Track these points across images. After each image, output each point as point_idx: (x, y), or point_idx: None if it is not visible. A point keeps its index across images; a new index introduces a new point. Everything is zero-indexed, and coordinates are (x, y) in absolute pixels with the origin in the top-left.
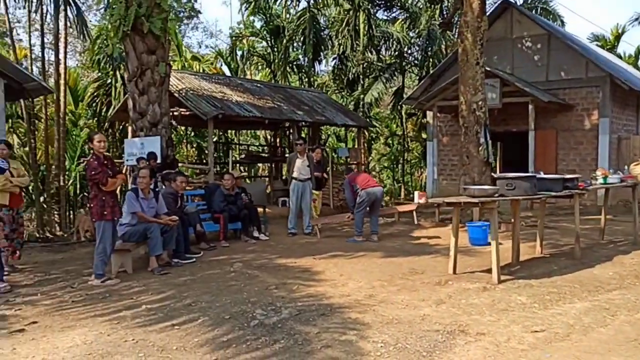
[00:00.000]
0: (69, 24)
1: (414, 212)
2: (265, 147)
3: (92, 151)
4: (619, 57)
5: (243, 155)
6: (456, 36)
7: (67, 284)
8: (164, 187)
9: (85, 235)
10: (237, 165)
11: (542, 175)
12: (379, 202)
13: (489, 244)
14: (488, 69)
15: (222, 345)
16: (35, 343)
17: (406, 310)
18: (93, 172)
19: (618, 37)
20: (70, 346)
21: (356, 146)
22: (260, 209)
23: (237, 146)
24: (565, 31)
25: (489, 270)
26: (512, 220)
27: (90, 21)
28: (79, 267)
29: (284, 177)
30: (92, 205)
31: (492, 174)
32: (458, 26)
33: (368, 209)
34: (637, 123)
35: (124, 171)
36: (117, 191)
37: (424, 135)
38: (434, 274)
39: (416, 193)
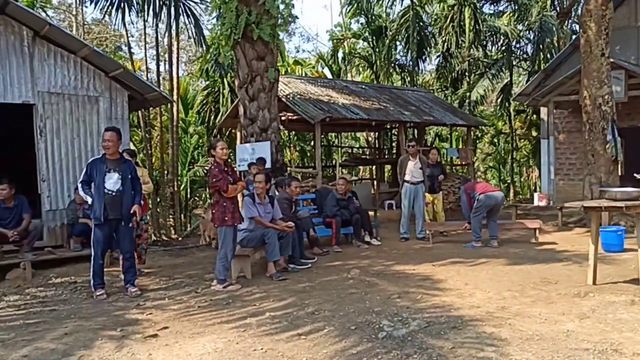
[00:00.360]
0: (180, 35)
1: (536, 230)
2: (366, 149)
3: (213, 158)
4: None
5: (345, 158)
6: (569, 27)
7: (192, 289)
8: (277, 192)
9: (210, 242)
10: (340, 168)
11: None
12: (498, 207)
13: (625, 250)
14: (612, 60)
15: (352, 358)
16: (168, 349)
17: (546, 325)
18: (214, 180)
19: None
20: (202, 353)
21: (465, 146)
22: (371, 213)
23: (339, 149)
24: None
25: (633, 281)
26: None
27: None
28: (200, 271)
29: (386, 180)
30: (213, 211)
31: None
32: (580, 15)
33: (485, 214)
34: None
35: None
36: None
37: (533, 133)
38: (570, 284)
39: (536, 195)
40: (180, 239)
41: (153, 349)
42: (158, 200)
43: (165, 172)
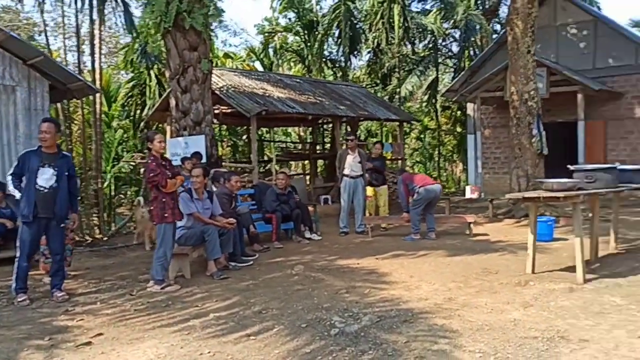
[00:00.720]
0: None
1: (471, 225)
2: (299, 144)
3: (149, 151)
4: None
5: (277, 153)
6: (491, 26)
7: (125, 291)
8: (213, 187)
9: (154, 242)
10: (272, 163)
11: (622, 166)
12: (437, 199)
13: (554, 239)
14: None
15: (306, 358)
16: (105, 357)
17: (493, 314)
18: (152, 174)
19: None
20: None
21: (398, 141)
22: (311, 208)
23: (272, 144)
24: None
25: (568, 269)
26: (591, 215)
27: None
28: (133, 272)
29: (319, 175)
30: (152, 207)
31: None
32: (507, 13)
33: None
34: None
35: None
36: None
37: (458, 129)
38: (510, 274)
39: (467, 188)
40: (106, 238)
41: (88, 358)
42: (80, 198)
43: (87, 168)
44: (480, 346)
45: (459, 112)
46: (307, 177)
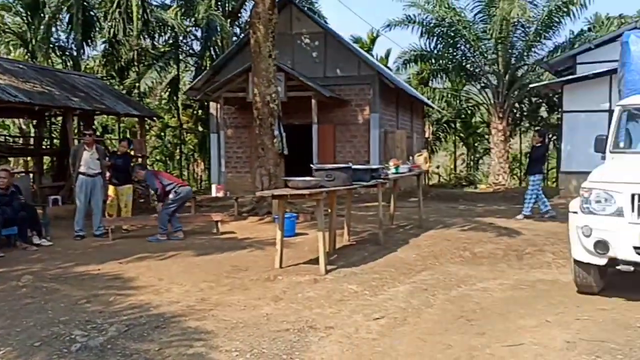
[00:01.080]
0: None
1: (218, 222)
2: (20, 138)
3: None
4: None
5: None
6: (232, 28)
7: None
8: None
9: None
10: None
11: (355, 166)
12: (188, 200)
13: (296, 235)
14: None
15: None
16: None
17: (246, 311)
18: None
19: (373, 40)
20: None
21: (139, 138)
22: (39, 210)
23: None
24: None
25: (311, 261)
26: (329, 210)
27: None
28: None
29: (44, 173)
30: None
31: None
32: (250, 17)
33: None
34: (397, 119)
35: None
36: None
37: (200, 128)
38: (260, 270)
39: (213, 186)
40: None
41: None
42: None
43: None
44: (236, 344)
45: (200, 111)
46: (32, 176)
